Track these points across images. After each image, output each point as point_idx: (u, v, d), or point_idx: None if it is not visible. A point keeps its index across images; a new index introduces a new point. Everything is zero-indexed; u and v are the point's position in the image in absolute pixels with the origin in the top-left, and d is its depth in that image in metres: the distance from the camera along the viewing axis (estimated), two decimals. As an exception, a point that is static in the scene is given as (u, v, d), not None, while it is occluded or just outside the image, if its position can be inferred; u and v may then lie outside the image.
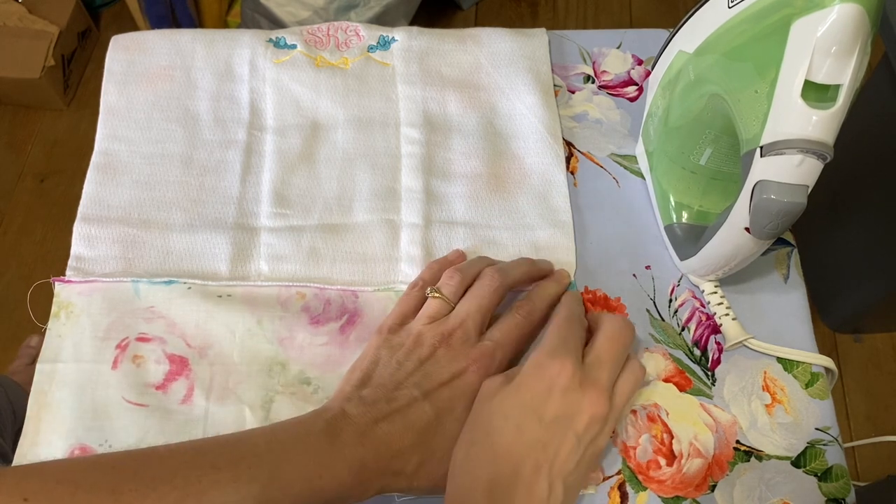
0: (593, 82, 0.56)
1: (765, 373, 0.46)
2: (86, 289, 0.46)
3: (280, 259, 0.48)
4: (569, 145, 0.54)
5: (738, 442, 0.44)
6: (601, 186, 0.52)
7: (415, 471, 0.38)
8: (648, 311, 0.47)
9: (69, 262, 0.47)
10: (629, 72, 0.57)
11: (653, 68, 0.48)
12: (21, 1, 1.46)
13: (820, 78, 0.33)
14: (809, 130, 0.34)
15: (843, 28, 0.32)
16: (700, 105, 0.42)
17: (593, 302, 0.48)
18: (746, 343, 0.46)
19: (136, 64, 0.55)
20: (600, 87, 0.56)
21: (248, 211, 0.50)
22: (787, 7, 0.34)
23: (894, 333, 1.26)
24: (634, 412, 0.44)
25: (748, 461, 0.43)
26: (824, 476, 0.43)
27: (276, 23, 1.32)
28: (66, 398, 0.43)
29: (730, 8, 0.38)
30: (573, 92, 0.56)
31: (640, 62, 0.57)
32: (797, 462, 0.43)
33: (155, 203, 0.50)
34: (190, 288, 0.47)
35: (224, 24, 1.49)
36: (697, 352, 0.46)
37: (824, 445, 0.44)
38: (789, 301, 0.48)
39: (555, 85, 0.56)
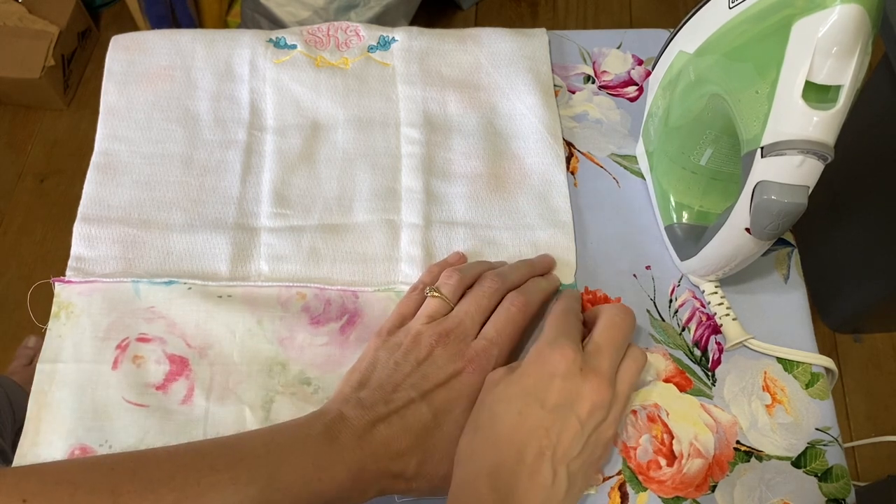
0: (593, 82, 0.56)
1: (765, 373, 0.46)
2: (86, 289, 0.46)
3: (280, 259, 0.48)
4: (569, 145, 0.54)
5: (739, 442, 0.44)
6: (601, 186, 0.52)
7: (414, 472, 0.38)
8: (649, 312, 0.47)
9: (69, 263, 0.47)
10: (629, 72, 0.57)
11: (653, 68, 0.48)
12: (21, 1, 1.46)
13: (821, 78, 0.33)
14: (810, 131, 0.34)
15: (844, 28, 0.32)
16: (700, 105, 0.42)
17: (593, 302, 0.48)
18: (747, 343, 0.46)
19: (136, 64, 0.55)
20: (600, 88, 0.56)
21: (249, 211, 0.50)
22: (788, 7, 0.34)
23: (894, 333, 1.26)
24: (634, 412, 0.44)
25: (748, 461, 0.43)
26: (824, 476, 0.43)
27: (276, 23, 1.32)
28: (67, 398, 0.43)
29: (730, 8, 0.38)
30: (573, 92, 0.56)
31: (641, 62, 0.57)
32: (797, 462, 0.43)
33: (155, 203, 0.50)
34: (190, 288, 0.47)
35: (224, 24, 1.49)
36: (698, 352, 0.46)
37: (824, 446, 0.44)
38: (789, 301, 0.48)
39: (555, 85, 0.56)
